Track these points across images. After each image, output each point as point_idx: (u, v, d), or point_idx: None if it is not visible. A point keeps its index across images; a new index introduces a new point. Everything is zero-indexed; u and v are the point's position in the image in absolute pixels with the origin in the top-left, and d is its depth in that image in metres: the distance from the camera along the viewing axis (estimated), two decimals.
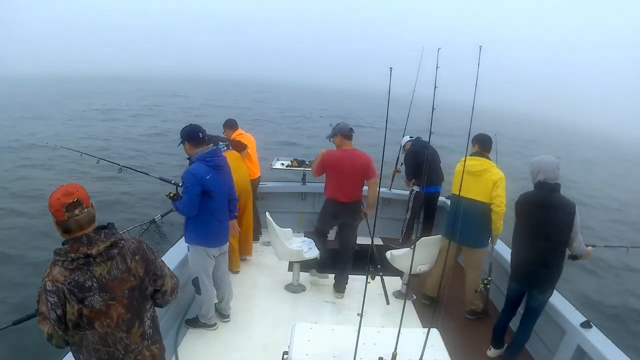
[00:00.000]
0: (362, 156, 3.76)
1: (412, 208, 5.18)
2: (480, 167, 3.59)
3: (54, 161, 11.98)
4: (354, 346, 1.91)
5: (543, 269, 2.92)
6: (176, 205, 3.07)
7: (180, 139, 3.09)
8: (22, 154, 12.81)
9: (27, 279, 5.35)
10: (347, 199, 3.79)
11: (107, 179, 9.99)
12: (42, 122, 19.18)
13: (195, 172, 2.94)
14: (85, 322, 1.57)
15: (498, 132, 4.13)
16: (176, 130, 3.35)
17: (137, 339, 1.71)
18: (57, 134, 16.35)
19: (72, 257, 1.53)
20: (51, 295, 1.51)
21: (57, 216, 1.55)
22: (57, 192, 1.57)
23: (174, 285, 1.89)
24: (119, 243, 1.65)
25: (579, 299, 5.89)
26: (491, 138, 3.74)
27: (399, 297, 4.12)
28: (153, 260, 1.78)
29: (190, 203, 2.96)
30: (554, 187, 2.86)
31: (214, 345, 3.24)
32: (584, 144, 39.12)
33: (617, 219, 12.10)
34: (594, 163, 24.88)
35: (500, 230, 3.63)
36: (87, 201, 1.60)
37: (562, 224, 2.82)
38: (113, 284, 1.61)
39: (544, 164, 2.88)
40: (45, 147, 10.68)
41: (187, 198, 2.96)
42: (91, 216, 1.62)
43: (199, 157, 3.01)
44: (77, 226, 1.57)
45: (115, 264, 1.63)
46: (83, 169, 10.50)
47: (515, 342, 3.19)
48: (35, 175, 10.77)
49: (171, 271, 1.90)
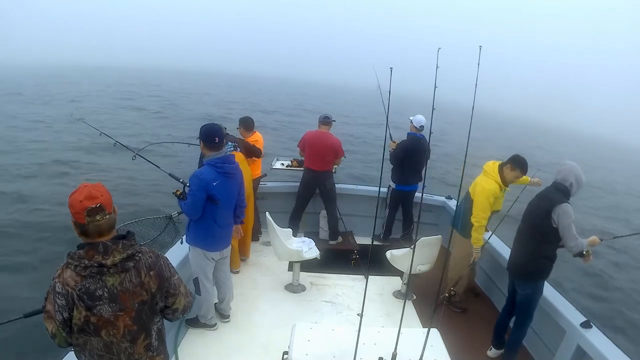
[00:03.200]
0: (333, 138, 4.89)
1: (389, 205, 5.30)
2: (485, 167, 3.72)
3: (73, 135, 12.82)
4: (354, 346, 1.91)
5: (523, 257, 3.08)
6: (181, 205, 3.04)
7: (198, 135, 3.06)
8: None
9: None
10: (319, 168, 4.92)
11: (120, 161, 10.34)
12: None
13: (203, 176, 2.91)
14: (92, 328, 1.54)
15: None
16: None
17: (142, 350, 1.68)
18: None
19: (85, 264, 1.49)
20: (60, 297, 1.48)
21: (76, 218, 1.50)
22: (79, 193, 1.50)
23: (187, 303, 1.84)
24: (135, 256, 1.59)
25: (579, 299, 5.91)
26: (516, 158, 3.63)
27: (399, 297, 4.12)
28: (168, 278, 1.71)
29: (194, 206, 2.93)
30: (559, 186, 2.93)
31: (214, 345, 3.24)
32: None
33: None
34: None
35: (478, 243, 3.62)
36: (110, 207, 1.55)
37: (539, 210, 2.95)
38: (124, 296, 1.57)
39: (566, 167, 2.98)
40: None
41: (190, 201, 2.93)
42: (112, 222, 1.57)
43: (209, 161, 2.97)
44: (96, 232, 1.52)
45: (129, 276, 1.58)
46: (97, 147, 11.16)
47: (510, 340, 3.22)
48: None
49: (187, 289, 1.83)
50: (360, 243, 5.20)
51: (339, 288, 4.22)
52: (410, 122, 5.03)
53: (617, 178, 21.67)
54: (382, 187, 5.12)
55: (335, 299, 4.03)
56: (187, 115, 21.60)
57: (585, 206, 12.29)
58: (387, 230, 5.37)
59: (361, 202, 5.40)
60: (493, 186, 3.57)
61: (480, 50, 2.58)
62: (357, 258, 4.61)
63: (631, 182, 21.25)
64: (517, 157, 3.58)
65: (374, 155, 14.30)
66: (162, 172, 3.60)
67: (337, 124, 5.27)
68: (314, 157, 4.91)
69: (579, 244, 2.85)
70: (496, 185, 3.58)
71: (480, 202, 3.57)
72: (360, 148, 16.89)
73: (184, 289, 1.81)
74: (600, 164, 25.97)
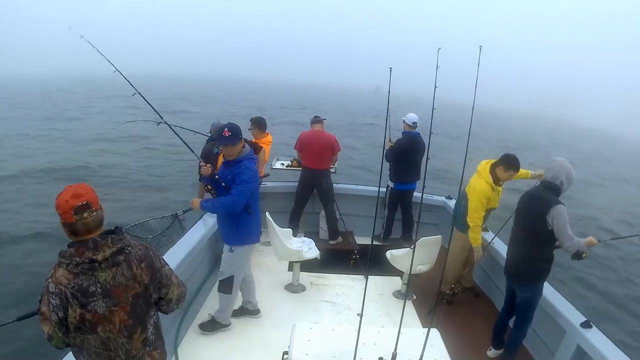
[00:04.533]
0: (328, 135, 5.03)
1: (388, 205, 5.30)
2: (478, 167, 3.76)
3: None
4: (354, 346, 1.91)
5: (520, 260, 3.06)
6: (220, 202, 3.03)
7: (229, 136, 2.97)
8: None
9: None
10: (316, 166, 4.98)
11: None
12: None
13: (254, 168, 3.08)
14: (88, 326, 1.56)
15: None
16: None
17: (139, 344, 1.70)
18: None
19: (77, 261, 1.51)
20: (53, 297, 1.49)
21: (64, 218, 1.53)
22: (65, 194, 1.53)
23: (181, 293, 1.85)
24: (125, 249, 1.62)
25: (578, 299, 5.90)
26: (508, 159, 3.65)
27: (399, 297, 4.12)
28: (159, 269, 1.74)
29: (245, 197, 2.99)
30: (550, 185, 2.91)
31: (214, 345, 3.24)
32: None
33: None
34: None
35: (475, 243, 3.73)
36: (96, 204, 1.57)
37: (532, 213, 2.93)
38: (117, 291, 1.59)
39: (556, 164, 2.95)
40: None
41: (247, 191, 2.98)
42: (99, 219, 1.59)
43: (248, 155, 3.09)
44: (85, 229, 1.55)
45: (121, 270, 1.60)
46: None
47: (509, 341, 3.22)
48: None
49: (179, 279, 1.85)
50: (360, 243, 5.20)
51: (339, 288, 4.22)
52: (403, 121, 5.08)
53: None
54: (382, 187, 5.13)
55: (335, 299, 4.03)
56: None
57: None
58: (387, 230, 5.38)
59: (361, 202, 5.40)
60: (484, 187, 3.62)
61: (480, 51, 2.58)
62: (357, 258, 4.62)
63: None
64: (508, 157, 3.61)
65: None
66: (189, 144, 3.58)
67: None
68: (312, 155, 4.97)
69: (575, 244, 2.84)
70: (487, 186, 3.63)
71: (473, 203, 3.64)
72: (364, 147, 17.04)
73: (176, 279, 1.84)
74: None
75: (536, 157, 16.26)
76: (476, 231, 3.69)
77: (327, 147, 4.96)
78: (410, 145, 4.96)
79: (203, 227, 4.01)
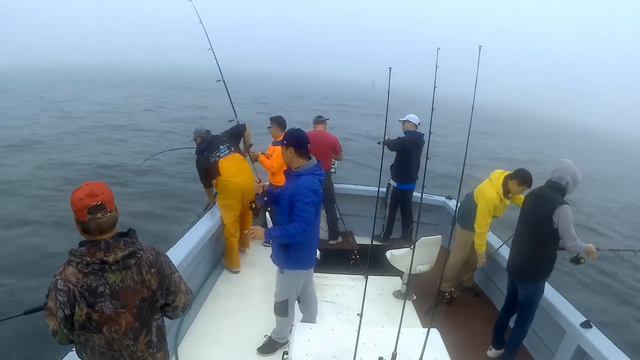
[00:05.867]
0: (330, 135, 5.01)
1: (390, 205, 5.31)
2: (492, 175, 3.83)
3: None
4: (354, 346, 1.91)
5: (524, 258, 3.08)
6: (288, 232, 2.62)
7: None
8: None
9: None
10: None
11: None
12: None
13: (315, 186, 2.65)
14: (94, 325, 1.55)
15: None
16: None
17: (143, 347, 1.70)
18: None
19: (87, 261, 1.50)
20: (61, 294, 1.49)
21: (78, 216, 1.52)
22: (80, 191, 1.52)
23: (187, 301, 1.85)
24: (137, 253, 1.61)
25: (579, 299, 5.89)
26: (523, 174, 3.65)
27: (398, 297, 4.12)
28: (169, 276, 1.73)
29: (312, 222, 2.68)
30: (556, 185, 2.94)
31: (214, 345, 3.24)
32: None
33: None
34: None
35: (480, 249, 3.78)
36: (111, 205, 1.56)
37: (541, 212, 2.94)
38: (125, 293, 1.58)
39: (562, 165, 2.98)
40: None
41: (311, 218, 2.64)
42: (113, 220, 1.58)
43: (310, 170, 2.74)
44: (98, 229, 1.54)
45: (130, 274, 1.59)
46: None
47: (509, 340, 3.23)
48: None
49: (187, 287, 1.84)
50: (360, 243, 5.20)
51: (338, 288, 4.22)
52: (404, 122, 5.11)
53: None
54: (382, 187, 5.13)
55: (335, 299, 4.03)
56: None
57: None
58: (387, 230, 5.39)
59: (361, 202, 5.40)
60: (493, 195, 3.69)
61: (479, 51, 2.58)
62: (357, 258, 4.61)
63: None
64: (523, 173, 3.63)
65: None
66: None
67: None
68: (315, 156, 4.91)
69: (577, 245, 2.87)
70: (496, 195, 3.69)
71: (482, 210, 3.71)
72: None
73: (185, 286, 1.82)
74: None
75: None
76: (482, 238, 3.74)
77: (329, 147, 4.98)
78: (415, 142, 5.00)
79: (203, 227, 4.00)
